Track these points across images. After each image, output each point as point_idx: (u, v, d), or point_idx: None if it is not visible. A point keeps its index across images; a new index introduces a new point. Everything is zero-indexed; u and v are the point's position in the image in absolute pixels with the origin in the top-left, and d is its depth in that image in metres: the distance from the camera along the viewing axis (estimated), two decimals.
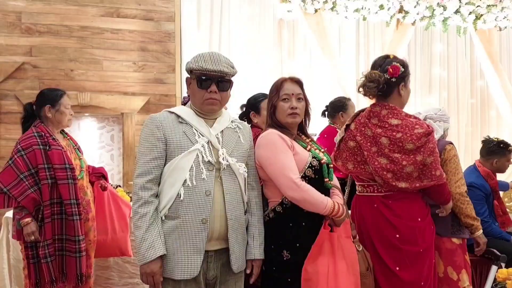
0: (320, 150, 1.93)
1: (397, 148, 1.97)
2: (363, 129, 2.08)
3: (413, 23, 4.88)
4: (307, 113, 1.94)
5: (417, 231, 2.00)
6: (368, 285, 1.91)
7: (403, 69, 2.03)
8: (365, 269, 1.91)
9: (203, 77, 1.70)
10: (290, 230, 1.80)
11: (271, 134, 1.82)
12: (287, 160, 1.77)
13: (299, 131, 1.96)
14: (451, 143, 2.43)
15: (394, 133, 1.97)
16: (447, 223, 2.32)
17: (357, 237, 1.97)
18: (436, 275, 2.15)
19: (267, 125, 1.92)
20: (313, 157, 1.84)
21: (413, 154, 1.95)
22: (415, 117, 2.05)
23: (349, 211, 2.14)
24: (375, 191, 2.07)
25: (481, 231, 2.40)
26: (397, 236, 1.99)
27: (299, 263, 1.75)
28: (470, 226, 2.36)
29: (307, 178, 1.81)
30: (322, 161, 1.85)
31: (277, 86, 1.88)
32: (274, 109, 1.88)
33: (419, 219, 2.03)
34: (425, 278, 2.01)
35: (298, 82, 1.90)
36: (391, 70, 2.01)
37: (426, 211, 2.09)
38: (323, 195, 1.78)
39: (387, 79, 2.02)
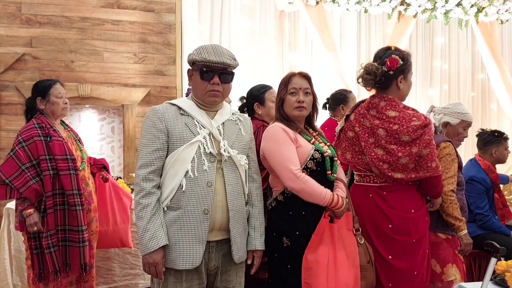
0: (325, 143, 1.96)
1: (393, 139, 1.98)
2: (362, 120, 2.09)
3: (415, 16, 4.85)
4: (315, 107, 1.98)
5: (410, 222, 2.02)
6: (369, 278, 1.94)
7: (402, 62, 2.02)
8: (366, 262, 1.93)
9: (206, 69, 1.70)
10: (290, 218, 1.84)
11: (275, 127, 1.88)
12: (288, 152, 1.81)
13: (307, 125, 2.00)
14: (449, 140, 2.40)
15: (391, 125, 1.99)
16: (432, 217, 2.31)
17: (360, 230, 1.99)
18: (430, 265, 2.17)
19: (275, 118, 1.97)
20: (315, 150, 1.87)
21: (408, 146, 1.96)
22: (413, 109, 2.05)
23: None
24: (371, 181, 2.09)
25: (464, 231, 2.34)
26: (390, 226, 2.01)
27: (299, 251, 1.79)
28: (452, 225, 2.34)
29: (308, 170, 1.85)
30: (325, 154, 1.89)
31: (286, 80, 1.94)
32: (282, 102, 1.93)
33: (413, 211, 2.04)
34: (418, 267, 2.03)
35: (307, 77, 1.95)
36: (388, 63, 2.01)
37: (420, 202, 2.10)
38: (322, 187, 1.81)
39: (384, 71, 2.02)
